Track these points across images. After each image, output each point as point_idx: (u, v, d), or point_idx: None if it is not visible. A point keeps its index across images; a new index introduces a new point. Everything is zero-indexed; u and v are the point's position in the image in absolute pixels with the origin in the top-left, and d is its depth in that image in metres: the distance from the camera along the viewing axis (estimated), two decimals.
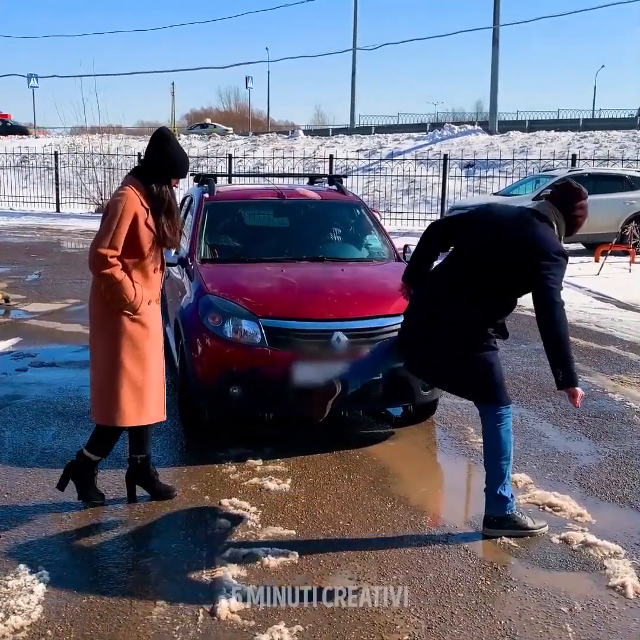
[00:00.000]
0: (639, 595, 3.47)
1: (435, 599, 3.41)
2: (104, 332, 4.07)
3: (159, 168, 4.06)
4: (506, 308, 4.06)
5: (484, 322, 4.02)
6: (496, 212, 4.16)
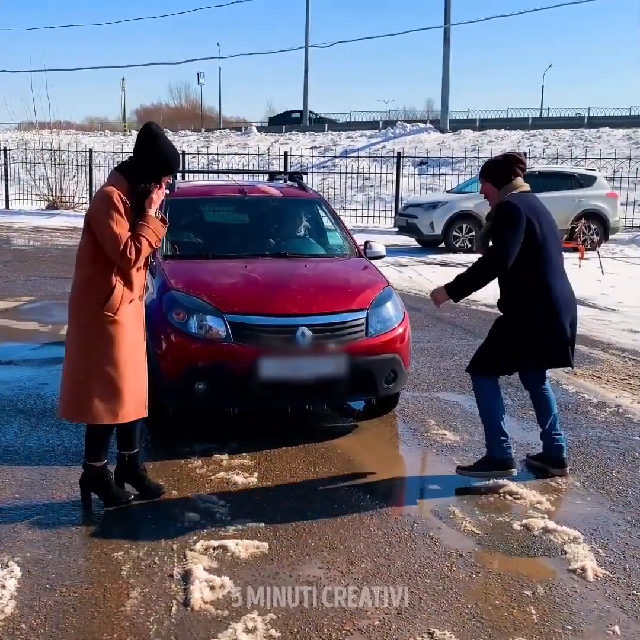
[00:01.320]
0: (598, 578, 3.60)
1: (403, 585, 3.49)
2: (81, 329, 4.05)
3: (150, 165, 3.98)
4: None
5: None
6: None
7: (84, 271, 4.06)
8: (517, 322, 4.50)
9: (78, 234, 16.34)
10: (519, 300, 4.51)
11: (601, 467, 4.89)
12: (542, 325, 4.44)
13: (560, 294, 4.49)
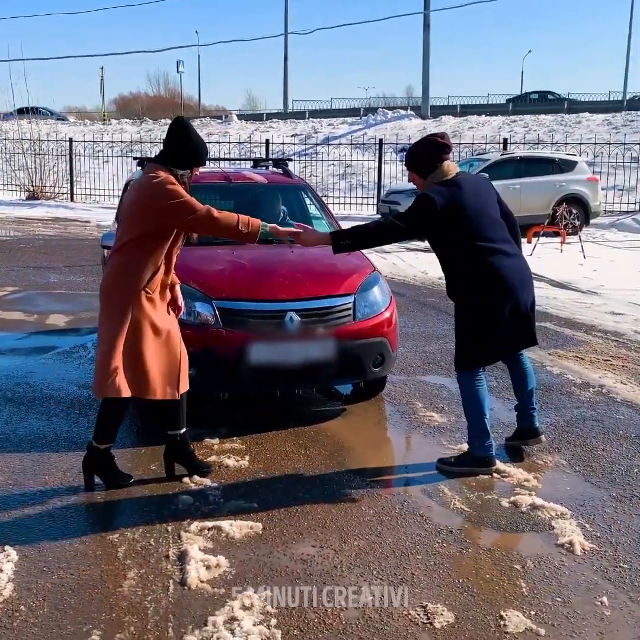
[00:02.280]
0: (585, 551, 3.69)
1: (395, 561, 3.57)
2: (117, 310, 4.06)
3: (185, 156, 4.11)
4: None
5: None
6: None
7: (126, 256, 4.08)
8: (474, 309, 4.44)
9: (59, 224, 16.35)
10: (469, 287, 4.42)
11: (586, 446, 4.99)
12: (499, 307, 4.38)
13: (510, 274, 4.38)
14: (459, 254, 4.41)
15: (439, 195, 4.29)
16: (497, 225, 4.51)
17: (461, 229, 4.35)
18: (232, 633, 3.01)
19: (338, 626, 3.08)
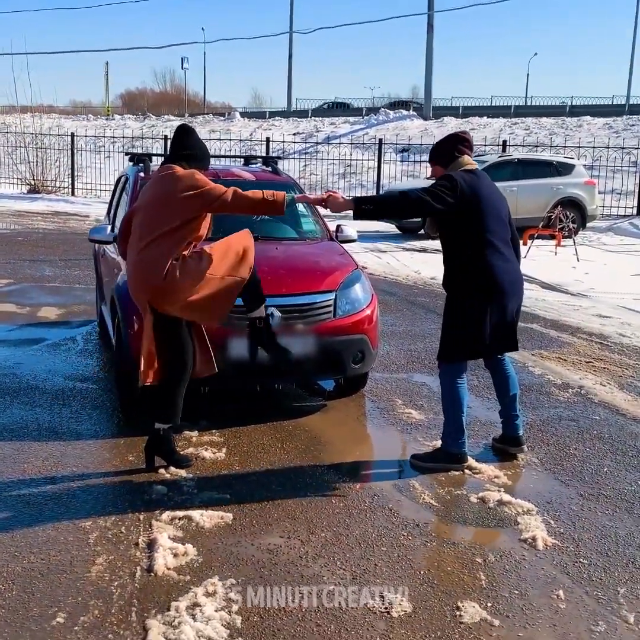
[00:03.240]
0: (547, 547, 3.76)
1: (360, 552, 3.64)
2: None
3: (204, 157, 4.59)
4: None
5: None
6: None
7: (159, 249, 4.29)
8: (463, 304, 4.52)
9: (59, 218, 16.43)
10: (460, 280, 4.53)
11: (559, 445, 5.06)
12: (485, 305, 4.45)
13: (502, 275, 4.46)
14: (463, 243, 4.50)
15: (460, 178, 4.45)
16: (503, 227, 4.61)
17: (472, 218, 4.45)
18: (193, 618, 3.08)
19: (297, 613, 3.15)
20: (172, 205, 4.30)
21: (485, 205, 4.47)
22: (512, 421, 4.86)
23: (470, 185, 4.43)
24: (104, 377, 6.29)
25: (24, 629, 3.02)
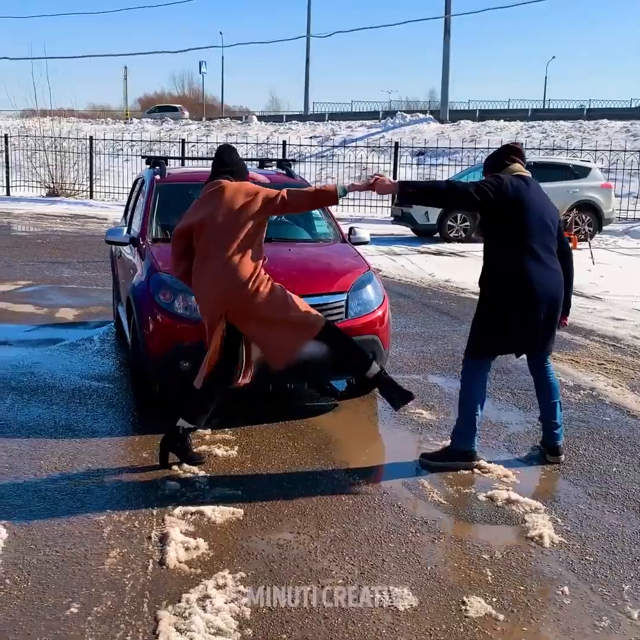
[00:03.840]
0: (554, 544, 3.80)
1: (368, 548, 3.70)
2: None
3: (241, 174, 4.83)
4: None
5: None
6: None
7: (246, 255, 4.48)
8: (489, 300, 4.58)
9: (77, 221, 16.66)
10: (493, 279, 4.58)
11: (569, 445, 5.08)
12: (509, 306, 4.50)
13: (536, 279, 4.49)
14: (502, 244, 4.53)
15: (507, 180, 4.51)
16: (548, 234, 4.60)
17: (513, 220, 4.48)
18: (203, 609, 3.15)
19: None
20: (240, 213, 4.46)
21: (528, 210, 4.48)
22: (552, 429, 4.81)
23: (516, 188, 4.47)
24: (120, 377, 6.39)
25: (38, 618, 3.10)
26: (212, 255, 4.51)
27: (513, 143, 4.96)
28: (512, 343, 4.65)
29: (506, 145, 4.90)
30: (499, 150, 4.86)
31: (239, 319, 4.48)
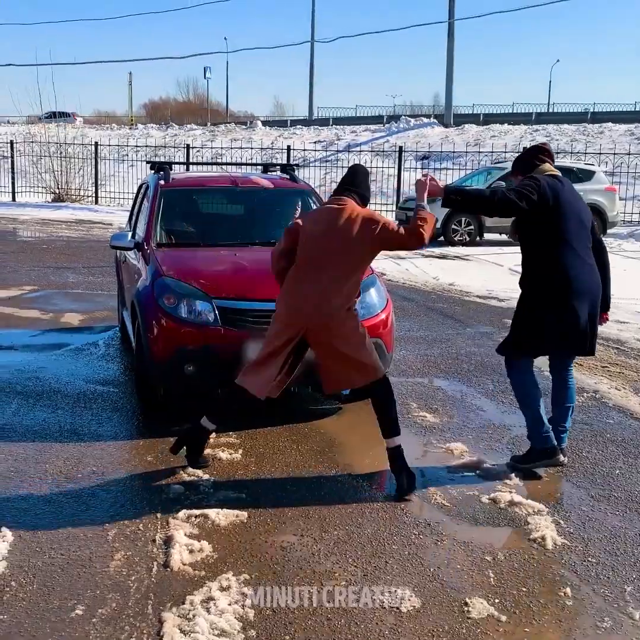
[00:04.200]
0: (557, 546, 3.81)
1: (371, 550, 3.72)
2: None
3: (366, 199, 4.63)
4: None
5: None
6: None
7: (352, 279, 4.44)
8: (530, 300, 4.57)
9: (82, 226, 16.70)
10: (533, 279, 4.57)
11: (572, 448, 5.09)
12: (551, 305, 4.48)
13: (575, 277, 4.47)
14: (541, 243, 4.52)
15: (544, 180, 4.52)
16: (584, 233, 4.60)
17: (552, 218, 4.47)
18: (207, 611, 3.18)
19: (308, 607, 3.24)
20: (356, 239, 4.37)
21: (566, 209, 4.49)
22: (559, 432, 4.77)
23: (553, 187, 4.48)
24: (125, 381, 6.42)
25: (44, 620, 3.13)
26: (316, 270, 4.38)
27: (541, 144, 4.94)
28: (549, 344, 4.63)
29: (535, 145, 4.90)
30: (528, 150, 4.85)
31: (315, 337, 4.40)
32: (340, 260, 4.38)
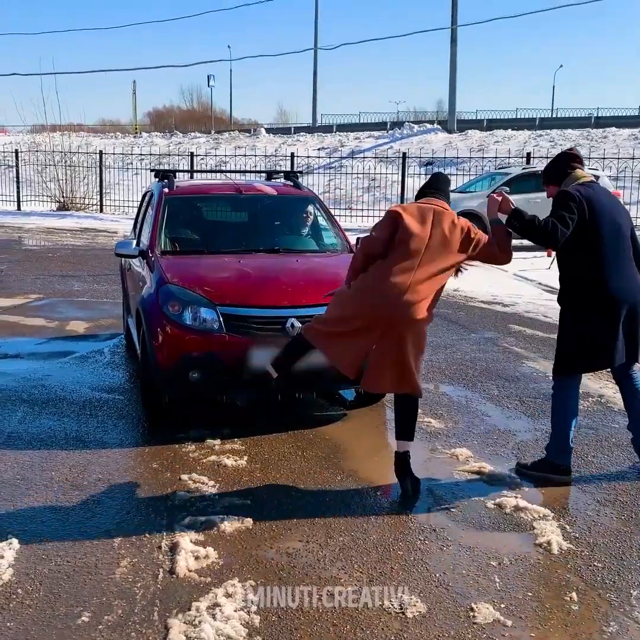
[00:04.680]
0: (562, 551, 3.81)
1: (377, 556, 3.72)
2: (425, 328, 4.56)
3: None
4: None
5: None
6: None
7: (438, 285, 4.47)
8: (575, 315, 4.51)
9: (87, 234, 16.74)
10: (573, 294, 4.51)
11: (577, 452, 5.08)
12: (597, 317, 4.43)
13: (615, 286, 4.41)
14: (579, 255, 4.44)
15: (576, 191, 4.43)
16: (623, 240, 4.53)
17: (588, 229, 4.39)
18: (213, 617, 3.18)
19: (314, 614, 3.24)
20: (457, 246, 4.42)
21: (602, 217, 4.42)
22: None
23: (587, 197, 4.40)
24: (130, 388, 6.44)
25: (50, 627, 3.14)
26: (411, 265, 4.33)
27: (569, 149, 4.82)
28: (598, 359, 4.58)
29: (564, 152, 4.77)
30: (558, 158, 4.73)
31: (391, 329, 4.34)
32: (438, 261, 4.38)
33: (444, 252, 4.39)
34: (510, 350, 7.83)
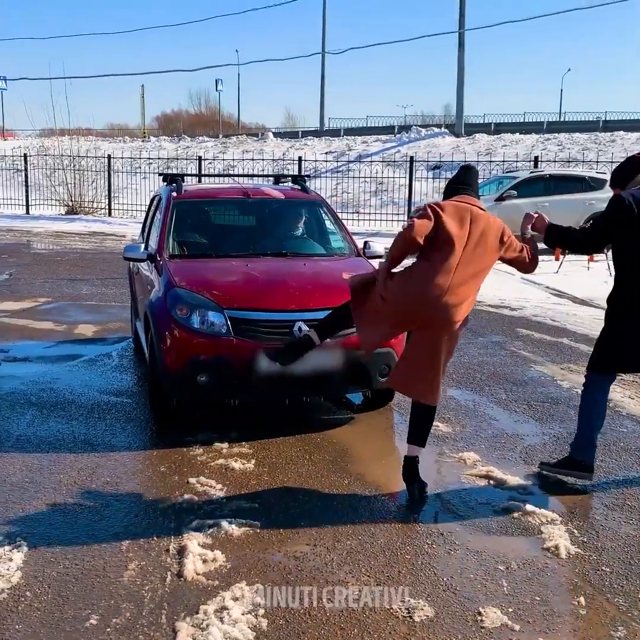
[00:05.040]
0: (570, 555, 3.80)
1: (384, 560, 3.72)
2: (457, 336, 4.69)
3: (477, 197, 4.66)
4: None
5: None
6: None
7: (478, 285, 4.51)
8: (614, 315, 4.53)
9: (95, 238, 16.81)
10: (616, 294, 4.54)
11: None
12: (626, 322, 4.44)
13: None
14: (623, 256, 4.47)
15: (628, 195, 4.43)
16: None
17: (629, 234, 4.39)
18: (221, 620, 3.19)
19: (322, 617, 3.24)
20: (492, 247, 4.43)
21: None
22: None
23: (638, 201, 4.36)
24: (138, 392, 6.45)
25: (58, 630, 3.15)
26: (451, 272, 4.31)
27: (638, 153, 4.78)
28: (631, 362, 4.55)
29: (632, 157, 4.74)
30: (626, 163, 4.73)
31: (429, 329, 4.36)
32: (475, 262, 4.38)
33: (480, 253, 4.39)
34: (518, 354, 7.82)
